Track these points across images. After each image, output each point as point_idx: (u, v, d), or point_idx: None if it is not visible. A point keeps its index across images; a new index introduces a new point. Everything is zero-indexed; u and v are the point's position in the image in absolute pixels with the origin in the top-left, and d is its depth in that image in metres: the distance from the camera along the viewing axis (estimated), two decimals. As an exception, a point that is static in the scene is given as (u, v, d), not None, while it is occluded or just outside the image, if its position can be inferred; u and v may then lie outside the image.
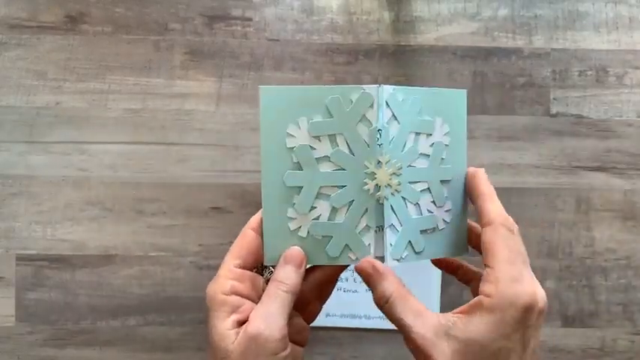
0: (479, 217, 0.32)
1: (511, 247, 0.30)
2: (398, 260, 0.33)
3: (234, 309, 0.31)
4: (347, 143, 0.32)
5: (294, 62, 0.57)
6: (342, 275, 0.38)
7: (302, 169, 0.33)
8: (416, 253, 0.34)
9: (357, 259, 0.33)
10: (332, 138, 0.33)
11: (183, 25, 0.57)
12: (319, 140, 0.33)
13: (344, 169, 0.33)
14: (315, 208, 0.33)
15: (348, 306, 0.55)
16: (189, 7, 0.57)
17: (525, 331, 0.29)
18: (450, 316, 0.30)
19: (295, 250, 0.33)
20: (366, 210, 0.33)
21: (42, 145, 0.56)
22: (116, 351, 0.55)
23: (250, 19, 0.57)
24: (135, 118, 0.56)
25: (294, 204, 0.33)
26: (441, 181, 0.34)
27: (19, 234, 0.55)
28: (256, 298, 0.32)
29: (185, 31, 0.57)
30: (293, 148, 0.33)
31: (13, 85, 0.56)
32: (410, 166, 0.33)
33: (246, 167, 0.56)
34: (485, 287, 0.30)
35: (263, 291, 0.33)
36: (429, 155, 0.34)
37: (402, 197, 0.33)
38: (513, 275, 0.29)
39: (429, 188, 0.34)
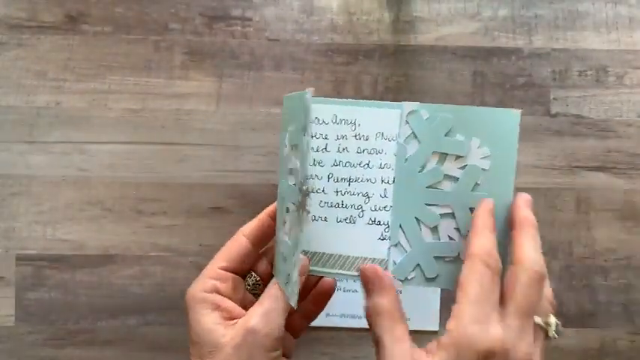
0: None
1: (484, 286, 0.27)
2: (402, 281, 0.32)
3: (217, 306, 0.32)
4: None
5: (294, 62, 0.57)
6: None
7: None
8: (427, 278, 0.32)
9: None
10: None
11: (183, 25, 0.57)
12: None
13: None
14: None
15: (348, 306, 0.55)
16: (189, 7, 0.57)
17: None
18: (422, 352, 0.28)
19: (303, 259, 0.32)
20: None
21: (42, 145, 0.56)
22: (116, 351, 0.55)
23: (250, 19, 0.57)
24: (135, 118, 0.56)
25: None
26: (470, 208, 0.32)
27: (19, 234, 0.55)
28: (236, 300, 0.33)
29: (185, 31, 0.57)
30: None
31: (13, 85, 0.56)
32: (431, 187, 0.32)
33: (246, 167, 0.56)
34: (448, 323, 0.28)
35: (244, 296, 0.34)
36: (457, 178, 0.32)
37: (416, 218, 0.32)
38: (477, 314, 0.27)
39: (452, 213, 0.32)
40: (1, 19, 0.56)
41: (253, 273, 0.35)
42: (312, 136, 0.32)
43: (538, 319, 0.29)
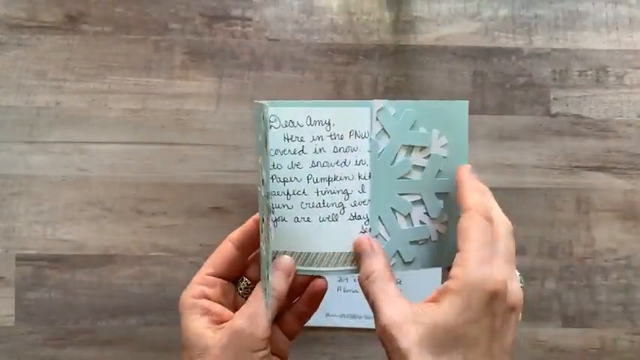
0: (459, 207, 0.32)
1: (485, 234, 0.29)
2: None
3: (206, 311, 0.33)
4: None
5: (294, 62, 0.57)
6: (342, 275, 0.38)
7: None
8: (405, 262, 0.34)
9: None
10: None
11: (183, 25, 0.57)
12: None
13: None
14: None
15: (348, 306, 0.55)
16: (189, 7, 0.57)
17: (493, 320, 0.28)
18: (422, 304, 0.29)
19: (286, 259, 0.33)
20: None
21: (42, 145, 0.56)
22: (116, 351, 0.55)
23: (250, 19, 0.57)
24: (135, 118, 0.56)
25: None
26: (436, 193, 0.35)
27: (19, 234, 0.55)
28: (227, 305, 0.34)
29: (185, 31, 0.57)
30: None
31: (13, 85, 0.56)
32: (402, 178, 0.34)
33: (246, 167, 0.56)
34: (453, 270, 0.29)
35: (236, 300, 0.35)
36: (423, 167, 0.34)
37: (392, 208, 0.34)
38: (482, 258, 0.29)
39: (421, 200, 0.34)
40: (1, 19, 0.56)
41: (245, 277, 0.36)
42: (288, 139, 0.32)
43: None
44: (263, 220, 0.32)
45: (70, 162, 0.56)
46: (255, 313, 0.31)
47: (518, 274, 0.31)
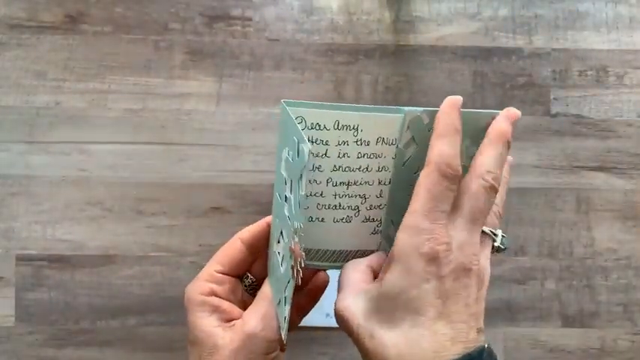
0: None
1: (435, 196, 0.27)
2: None
3: (215, 309, 0.32)
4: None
5: (294, 62, 0.57)
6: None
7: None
8: None
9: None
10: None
11: (183, 25, 0.57)
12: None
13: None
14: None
15: (348, 306, 0.55)
16: (189, 7, 0.57)
17: (440, 282, 0.26)
18: (374, 281, 0.29)
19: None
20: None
21: (42, 145, 0.56)
22: (116, 351, 0.55)
23: (250, 19, 0.57)
24: (135, 118, 0.56)
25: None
26: None
27: (19, 234, 0.55)
28: (235, 301, 0.34)
29: (185, 31, 0.57)
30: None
31: (13, 85, 0.56)
32: None
33: (246, 167, 0.56)
34: (397, 235, 0.28)
35: (243, 297, 0.34)
36: None
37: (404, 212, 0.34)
38: (422, 222, 0.27)
39: None
40: (1, 19, 0.56)
41: (249, 274, 0.36)
42: (312, 142, 0.31)
43: (486, 229, 0.29)
44: (282, 234, 0.31)
45: (69, 162, 0.56)
46: (267, 315, 0.31)
47: (500, 233, 0.29)
